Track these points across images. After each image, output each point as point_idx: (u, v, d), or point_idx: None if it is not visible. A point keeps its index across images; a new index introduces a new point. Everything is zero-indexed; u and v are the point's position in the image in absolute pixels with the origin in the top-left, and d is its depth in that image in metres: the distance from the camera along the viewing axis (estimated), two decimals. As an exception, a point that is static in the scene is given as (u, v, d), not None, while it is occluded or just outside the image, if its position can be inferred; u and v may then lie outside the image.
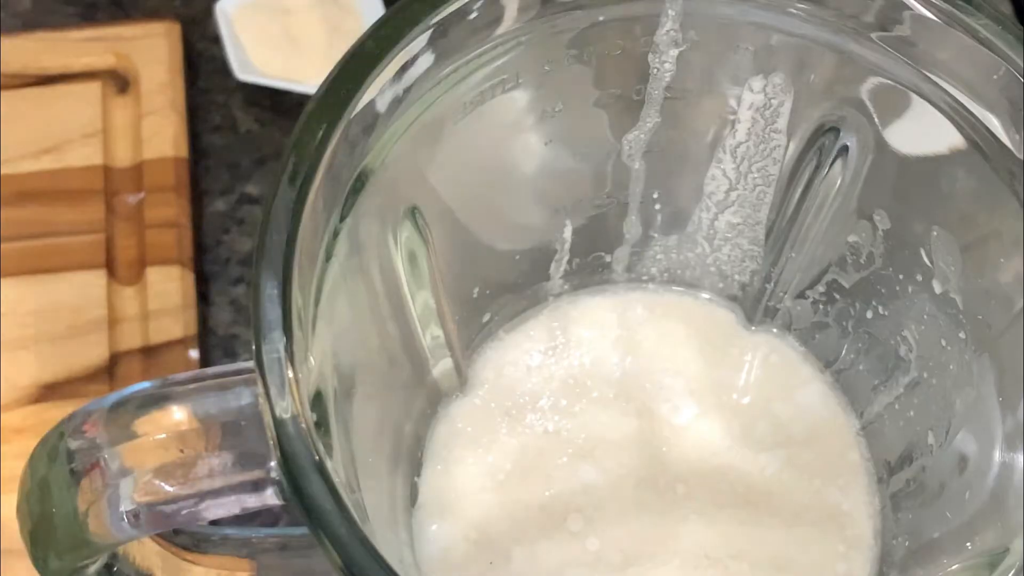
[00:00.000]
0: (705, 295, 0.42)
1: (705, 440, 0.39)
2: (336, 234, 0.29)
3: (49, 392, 0.46)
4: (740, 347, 0.41)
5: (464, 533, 0.37)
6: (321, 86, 0.28)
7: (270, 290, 0.25)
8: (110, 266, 0.50)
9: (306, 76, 0.54)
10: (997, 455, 0.33)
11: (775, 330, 0.41)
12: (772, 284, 0.40)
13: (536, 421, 0.39)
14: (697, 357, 0.41)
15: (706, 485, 0.39)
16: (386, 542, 0.33)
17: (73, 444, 0.26)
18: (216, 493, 0.26)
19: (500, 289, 0.40)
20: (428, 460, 0.39)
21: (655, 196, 0.39)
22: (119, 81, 0.54)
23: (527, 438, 0.39)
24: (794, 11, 0.32)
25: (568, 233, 0.40)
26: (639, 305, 0.42)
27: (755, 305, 0.41)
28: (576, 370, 0.41)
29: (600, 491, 0.38)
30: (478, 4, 0.29)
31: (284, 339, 0.25)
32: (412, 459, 0.38)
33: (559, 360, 0.41)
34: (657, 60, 0.35)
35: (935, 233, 0.34)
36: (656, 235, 0.41)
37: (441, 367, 0.39)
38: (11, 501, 0.28)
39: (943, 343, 0.35)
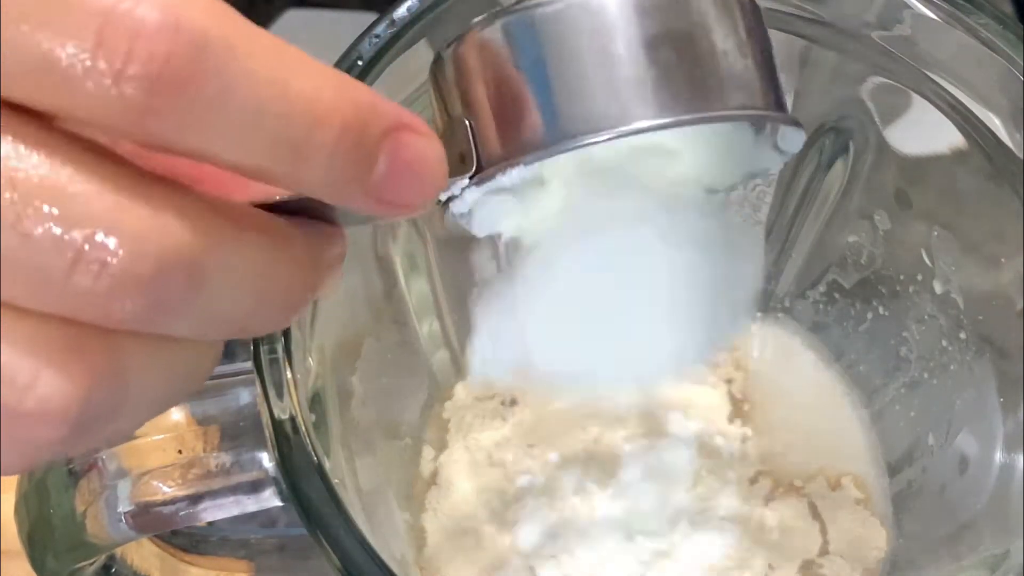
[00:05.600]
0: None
1: (709, 422, 0.39)
2: (335, 234, 0.29)
3: (48, 392, 0.46)
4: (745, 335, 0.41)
5: (464, 525, 0.37)
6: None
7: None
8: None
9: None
10: (998, 456, 0.32)
11: (779, 315, 0.41)
12: (772, 284, 0.40)
13: (538, 408, 0.39)
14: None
15: (710, 468, 0.38)
16: (385, 540, 0.33)
17: (71, 445, 0.26)
18: (214, 494, 0.26)
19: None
20: (427, 455, 0.39)
21: (655, 196, 0.39)
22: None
23: (528, 428, 0.39)
24: (794, 11, 0.32)
25: (568, 233, 0.40)
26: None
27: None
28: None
29: (603, 473, 0.38)
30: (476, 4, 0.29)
31: (282, 340, 0.25)
32: (412, 454, 0.38)
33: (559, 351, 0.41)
34: (657, 60, 0.35)
35: (936, 233, 0.34)
36: (656, 235, 0.41)
37: (439, 362, 0.39)
38: (10, 501, 0.28)
39: (944, 343, 0.35)
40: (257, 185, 0.18)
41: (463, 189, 0.22)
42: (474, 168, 0.22)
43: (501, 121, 0.22)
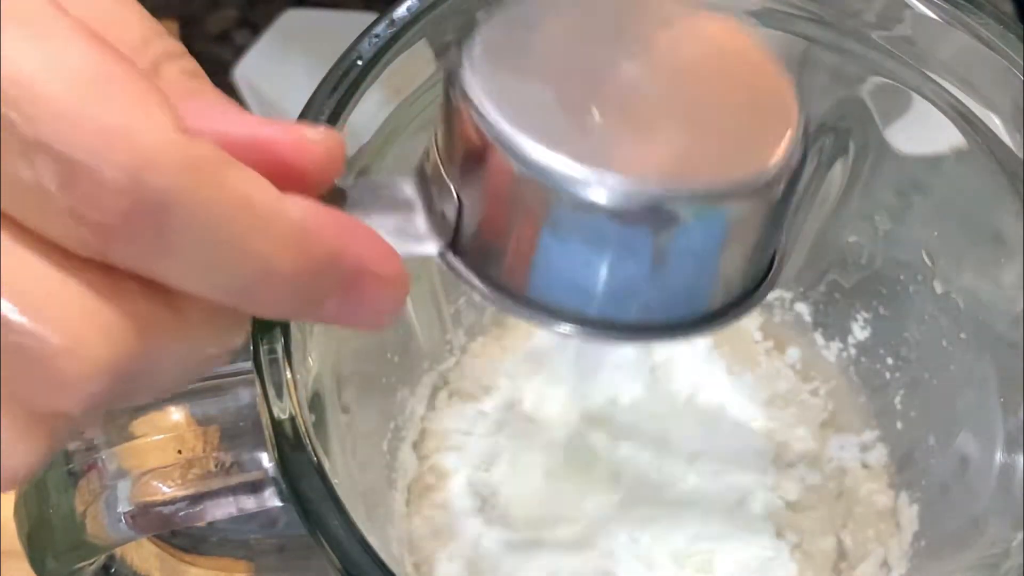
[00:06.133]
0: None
1: (703, 391, 0.40)
2: (335, 234, 0.29)
3: (47, 392, 0.46)
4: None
5: (453, 521, 0.37)
6: (317, 89, 0.28)
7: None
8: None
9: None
10: (998, 456, 0.32)
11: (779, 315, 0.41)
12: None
13: (537, 405, 0.39)
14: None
15: (700, 443, 0.39)
16: (385, 540, 0.33)
17: (71, 445, 0.26)
18: (214, 494, 0.26)
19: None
20: (427, 451, 0.39)
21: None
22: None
23: (527, 425, 0.39)
24: (794, 11, 0.32)
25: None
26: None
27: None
28: (574, 354, 0.41)
29: (607, 449, 0.38)
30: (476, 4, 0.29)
31: (282, 340, 0.25)
32: (410, 449, 0.38)
33: (559, 347, 0.41)
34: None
35: (936, 233, 0.34)
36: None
37: (439, 361, 0.39)
38: (10, 501, 0.28)
39: (944, 344, 0.35)
40: None
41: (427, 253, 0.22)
42: (447, 244, 0.22)
43: (497, 247, 0.21)
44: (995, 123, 0.30)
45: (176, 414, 0.26)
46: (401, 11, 0.29)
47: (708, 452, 0.38)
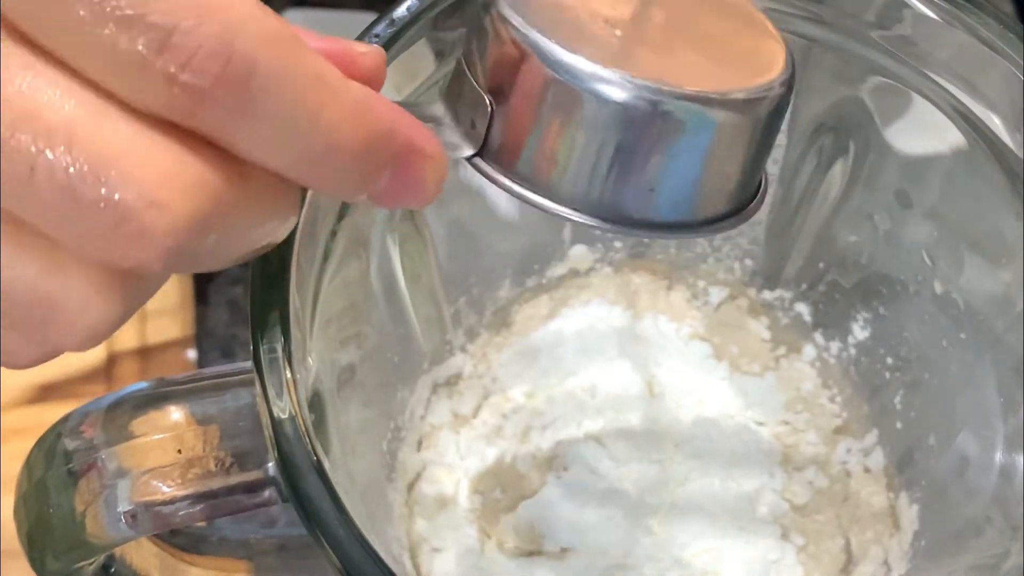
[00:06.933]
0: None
1: (704, 400, 0.40)
2: (334, 234, 0.29)
3: (47, 393, 0.46)
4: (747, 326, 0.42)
5: (463, 528, 0.37)
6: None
7: (268, 290, 0.25)
8: (108, 266, 0.49)
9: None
10: (998, 457, 0.32)
11: (779, 315, 0.41)
12: (771, 284, 0.40)
13: (539, 405, 0.40)
14: (700, 326, 0.41)
15: (703, 445, 0.39)
16: (384, 540, 0.33)
17: (70, 445, 0.26)
18: (214, 494, 0.26)
19: (499, 286, 0.40)
20: (427, 451, 0.39)
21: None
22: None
23: (529, 425, 0.39)
24: (794, 11, 0.32)
25: (567, 233, 0.40)
26: (642, 290, 0.42)
27: (754, 305, 0.41)
28: (576, 354, 0.41)
29: (602, 441, 0.38)
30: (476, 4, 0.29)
31: (282, 340, 0.25)
32: (411, 449, 0.38)
33: (556, 349, 0.41)
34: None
35: (936, 233, 0.34)
36: (656, 235, 0.41)
37: (439, 361, 0.39)
38: (10, 502, 0.27)
39: (944, 344, 0.35)
40: None
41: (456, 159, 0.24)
42: (477, 149, 0.24)
43: (523, 144, 0.23)
44: (995, 123, 0.30)
45: (176, 414, 0.26)
46: (401, 11, 0.29)
47: (714, 455, 0.38)
